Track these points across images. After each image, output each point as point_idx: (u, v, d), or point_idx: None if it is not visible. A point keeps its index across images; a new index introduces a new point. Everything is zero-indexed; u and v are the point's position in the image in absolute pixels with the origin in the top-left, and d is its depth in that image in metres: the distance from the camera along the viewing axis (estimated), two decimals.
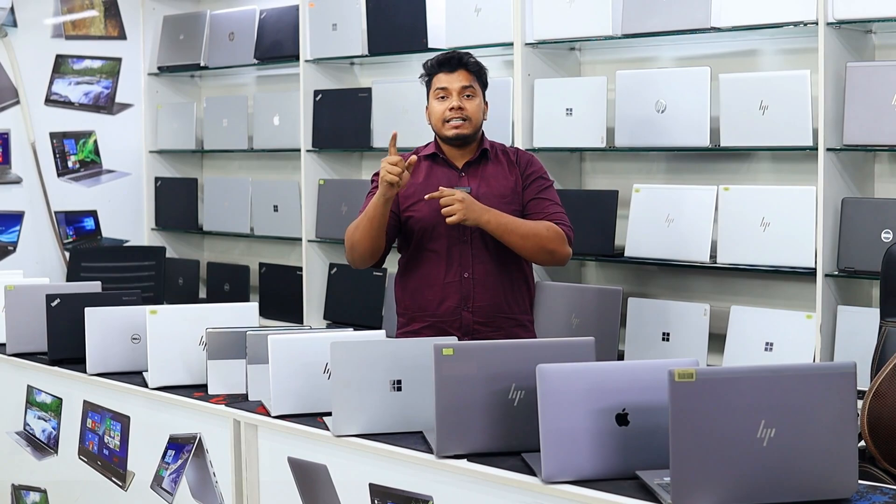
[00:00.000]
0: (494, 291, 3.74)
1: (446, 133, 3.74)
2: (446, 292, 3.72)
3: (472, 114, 3.73)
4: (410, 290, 3.79)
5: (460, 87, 3.72)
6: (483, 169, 3.80)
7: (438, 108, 3.74)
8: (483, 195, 3.71)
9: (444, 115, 3.73)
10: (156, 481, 3.52)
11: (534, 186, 3.80)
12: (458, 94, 3.72)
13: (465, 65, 3.75)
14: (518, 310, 3.81)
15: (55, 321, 3.90)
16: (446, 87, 3.72)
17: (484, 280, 3.73)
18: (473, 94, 3.74)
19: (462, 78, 3.73)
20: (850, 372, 2.31)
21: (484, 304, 3.73)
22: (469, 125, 3.73)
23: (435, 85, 3.76)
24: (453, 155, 3.80)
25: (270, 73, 6.52)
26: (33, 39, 6.46)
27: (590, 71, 5.08)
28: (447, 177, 3.78)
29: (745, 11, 4.32)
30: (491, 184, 3.77)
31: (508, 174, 3.80)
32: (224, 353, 3.41)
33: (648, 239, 4.61)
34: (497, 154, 3.84)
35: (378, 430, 2.88)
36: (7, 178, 6.36)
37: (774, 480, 2.27)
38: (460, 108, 3.71)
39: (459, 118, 3.71)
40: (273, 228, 6.14)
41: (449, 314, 3.72)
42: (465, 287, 3.72)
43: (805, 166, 4.40)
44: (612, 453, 2.46)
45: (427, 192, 3.70)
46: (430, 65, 3.80)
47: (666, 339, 4.58)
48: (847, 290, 4.27)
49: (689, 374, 2.22)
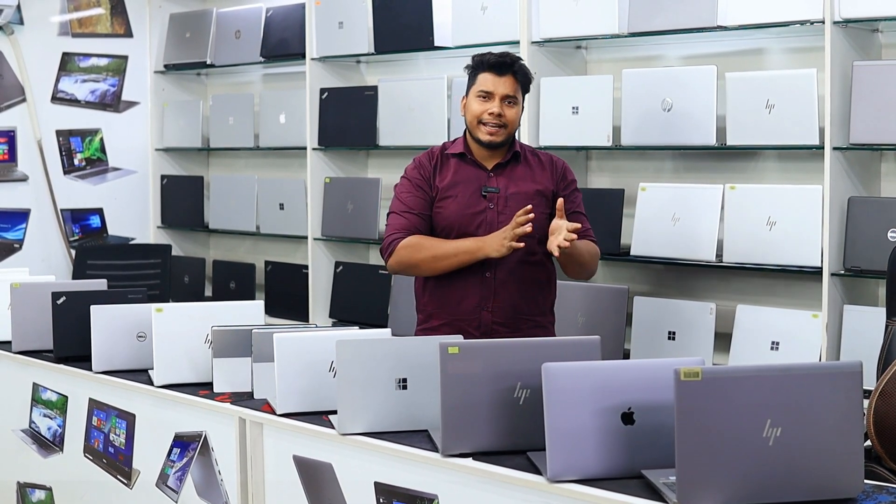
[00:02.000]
0: (515, 292, 3.71)
1: (479, 136, 3.69)
2: (467, 291, 3.69)
3: (510, 121, 3.68)
4: (430, 287, 3.76)
5: (504, 93, 3.66)
6: (512, 170, 3.75)
7: (477, 108, 3.68)
8: (511, 195, 3.69)
9: (481, 117, 3.67)
10: (161, 479, 3.52)
11: (570, 198, 3.76)
12: (501, 100, 3.67)
13: (515, 72, 3.69)
14: (538, 311, 3.77)
15: (61, 319, 3.90)
16: (491, 92, 3.66)
17: (506, 280, 3.69)
18: (515, 103, 3.69)
19: (508, 85, 3.67)
20: (857, 371, 2.30)
21: (504, 305, 3.69)
22: (504, 132, 3.68)
23: (479, 84, 3.69)
24: (483, 156, 3.75)
25: (277, 71, 6.52)
26: (40, 37, 6.47)
27: (596, 69, 5.08)
28: (476, 176, 3.73)
29: (751, 10, 4.31)
30: (519, 185, 3.73)
31: (538, 176, 3.76)
32: (230, 352, 3.41)
33: (654, 238, 4.60)
34: (527, 156, 3.80)
35: (383, 429, 2.88)
36: (13, 176, 6.37)
37: (780, 480, 2.27)
38: (500, 115, 3.66)
39: (497, 125, 3.67)
40: (279, 226, 6.14)
41: (468, 313, 3.70)
42: (486, 286, 3.68)
43: (811, 165, 4.39)
44: (618, 452, 2.46)
45: (455, 190, 3.69)
46: (480, 61, 3.72)
47: (672, 338, 4.58)
48: (853, 289, 4.27)
49: (694, 374, 2.22)
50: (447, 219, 3.71)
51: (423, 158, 3.81)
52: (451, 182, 3.73)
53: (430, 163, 3.78)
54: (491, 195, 3.70)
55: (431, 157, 3.80)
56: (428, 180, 3.75)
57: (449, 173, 3.75)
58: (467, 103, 3.73)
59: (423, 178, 3.75)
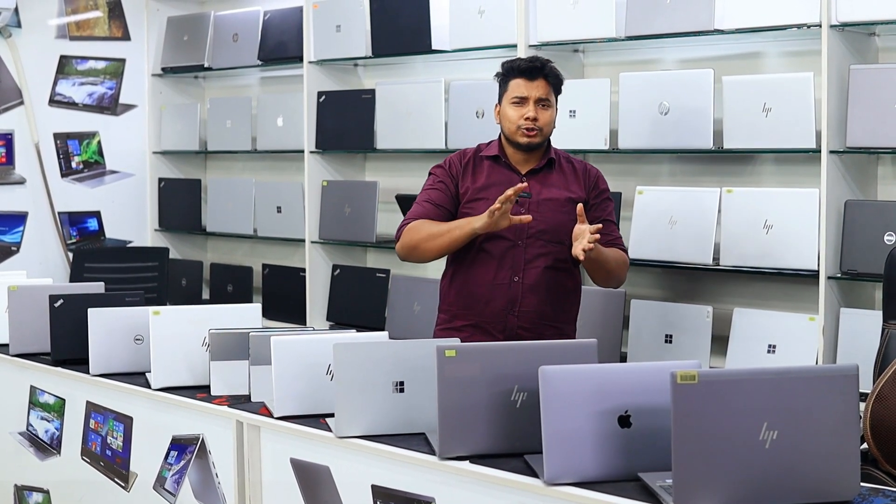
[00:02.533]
0: (543, 298, 3.71)
1: (519, 139, 3.71)
2: (494, 294, 3.70)
3: (545, 124, 3.70)
4: (457, 286, 3.78)
5: (538, 97, 3.68)
6: (545, 176, 3.77)
7: (513, 114, 3.70)
8: (543, 201, 3.71)
9: (517, 122, 3.69)
10: (158, 482, 3.52)
11: (601, 206, 3.80)
12: (535, 103, 3.68)
13: (546, 75, 3.70)
14: (563, 318, 3.79)
15: (58, 322, 3.90)
16: (525, 97, 3.68)
17: (534, 285, 3.70)
18: (548, 105, 3.71)
19: (541, 88, 3.69)
20: (853, 374, 2.31)
21: (530, 310, 3.71)
22: (541, 135, 3.70)
23: (512, 90, 3.71)
24: (517, 160, 3.77)
25: (274, 75, 6.52)
26: (37, 40, 6.46)
27: (593, 73, 5.08)
28: (509, 180, 3.72)
29: (748, 14, 4.32)
30: (552, 191, 3.74)
31: (571, 184, 3.78)
32: (227, 355, 3.41)
33: (651, 241, 4.61)
34: (561, 162, 3.82)
35: (380, 432, 2.88)
36: (11, 179, 6.37)
37: (777, 483, 2.27)
38: (535, 118, 3.68)
39: (533, 128, 3.68)
40: (276, 229, 6.14)
41: (494, 316, 3.71)
42: (513, 290, 3.69)
43: (808, 168, 4.39)
44: (615, 455, 2.47)
45: (487, 193, 3.69)
46: (510, 68, 3.75)
47: (669, 342, 4.58)
48: (850, 292, 4.27)
49: (691, 377, 2.23)
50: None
51: (455, 158, 3.84)
52: (483, 184, 3.75)
53: (461, 162, 3.81)
54: (523, 200, 3.70)
55: (464, 156, 3.83)
56: (454, 178, 3.78)
57: (482, 175, 3.77)
58: (502, 110, 3.75)
59: (450, 176, 3.78)
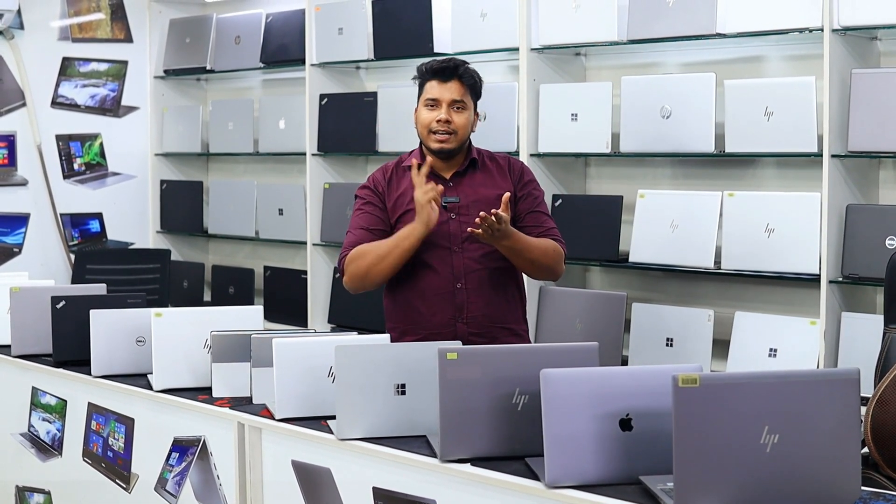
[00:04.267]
0: (488, 301, 3.62)
1: (430, 145, 3.63)
2: (439, 304, 3.60)
3: (460, 128, 3.60)
4: (401, 303, 3.67)
5: (451, 99, 3.59)
6: (471, 177, 3.69)
7: (426, 117, 3.62)
8: (472, 203, 3.61)
9: (430, 126, 3.61)
10: (160, 484, 3.53)
11: (530, 199, 3.70)
12: (448, 106, 3.59)
13: (460, 76, 3.61)
14: (512, 319, 3.70)
15: (60, 323, 3.90)
16: (437, 99, 3.60)
17: (477, 289, 3.61)
18: (463, 108, 3.61)
19: (454, 90, 3.60)
20: (854, 378, 2.31)
21: (478, 315, 3.61)
22: (454, 139, 3.60)
23: (426, 92, 3.63)
24: (439, 166, 3.67)
25: (276, 77, 6.53)
26: (40, 42, 6.47)
27: (595, 76, 5.09)
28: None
29: (750, 18, 4.32)
30: (479, 192, 3.66)
31: (498, 180, 3.69)
32: (228, 356, 3.41)
33: (653, 244, 4.61)
34: (485, 161, 3.73)
35: (382, 434, 2.88)
36: (13, 180, 6.38)
37: (777, 486, 2.27)
38: (448, 121, 3.58)
39: (445, 132, 3.60)
40: (278, 232, 6.14)
41: (443, 326, 3.59)
42: (458, 298, 3.60)
43: (810, 173, 4.40)
44: (616, 458, 2.47)
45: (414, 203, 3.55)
46: (424, 70, 3.68)
47: (670, 345, 4.58)
48: (851, 296, 4.27)
49: (692, 380, 2.23)
50: None
51: (377, 174, 3.74)
52: (410, 195, 3.62)
53: (385, 177, 3.71)
54: (451, 205, 3.62)
55: (385, 171, 3.73)
56: (381, 196, 3.68)
57: (406, 186, 3.66)
58: (417, 114, 3.67)
59: (376, 195, 3.68)
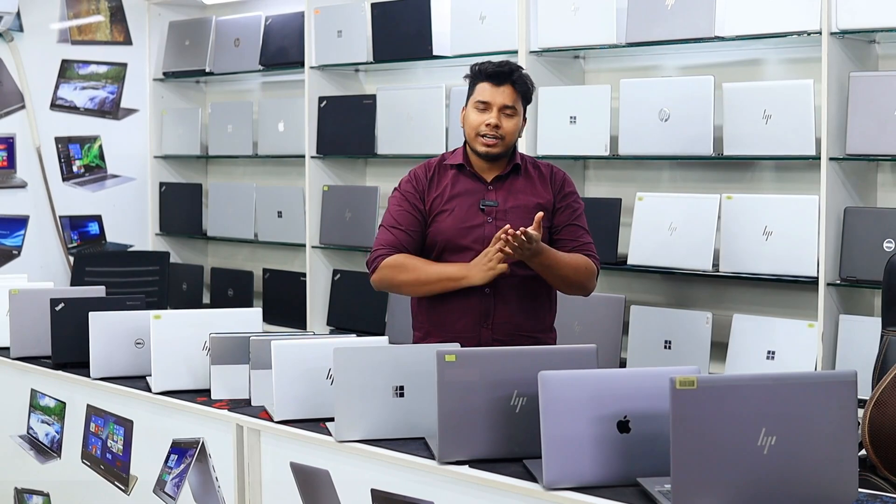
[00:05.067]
0: (515, 308, 3.57)
1: (477, 147, 3.58)
2: (465, 308, 3.55)
3: (508, 133, 3.55)
4: (427, 304, 3.63)
5: (502, 104, 3.53)
6: (512, 182, 3.63)
7: (475, 119, 3.56)
8: (511, 209, 3.58)
9: (478, 129, 3.56)
10: (158, 486, 3.53)
11: (568, 211, 3.65)
12: (499, 110, 3.54)
13: (514, 82, 3.56)
14: (539, 328, 3.64)
15: (59, 325, 3.90)
16: (488, 102, 3.53)
17: (505, 296, 3.55)
18: (513, 114, 3.55)
19: (506, 95, 3.54)
20: (852, 381, 2.31)
21: (503, 321, 3.56)
22: (502, 144, 3.55)
23: (477, 94, 3.57)
24: (482, 168, 3.63)
25: (275, 80, 6.54)
26: (39, 44, 6.48)
27: (594, 79, 5.09)
28: (474, 189, 3.61)
29: (748, 21, 4.33)
30: (519, 198, 3.61)
31: (539, 189, 3.64)
32: (227, 359, 3.42)
33: (651, 247, 4.61)
34: (527, 168, 3.67)
35: (380, 436, 2.89)
36: (12, 183, 6.38)
37: (775, 488, 2.27)
38: (497, 126, 3.53)
39: (494, 136, 3.54)
40: (277, 234, 6.15)
41: (467, 330, 3.54)
42: (485, 303, 3.55)
43: (808, 175, 4.41)
44: (614, 460, 2.47)
45: (452, 203, 3.58)
46: (478, 70, 3.59)
47: (668, 347, 4.59)
48: (849, 299, 4.28)
49: (690, 382, 2.23)
50: (443, 232, 3.59)
51: (420, 171, 3.69)
52: (448, 194, 3.62)
53: (426, 175, 3.67)
54: (489, 209, 3.59)
55: (428, 168, 3.69)
56: (421, 194, 3.64)
57: (446, 185, 3.64)
58: (466, 114, 3.63)
59: (416, 192, 3.65)
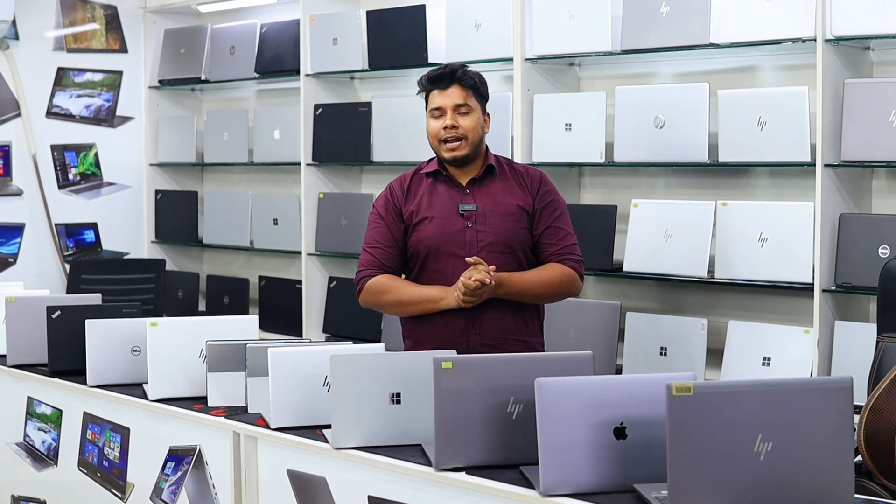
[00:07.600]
0: (502, 312, 3.55)
1: (443, 155, 3.59)
2: (452, 314, 3.53)
3: (469, 131, 3.56)
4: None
5: (454, 104, 3.55)
6: (489, 185, 3.63)
7: (434, 126, 3.58)
8: (490, 212, 3.57)
9: (438, 135, 3.57)
10: (155, 493, 3.53)
11: (548, 211, 3.63)
12: (453, 111, 3.55)
13: (459, 80, 3.57)
14: (527, 332, 3.64)
15: (55, 333, 3.91)
16: (440, 107, 3.56)
17: (492, 300, 3.51)
18: (469, 111, 3.57)
19: (456, 95, 3.56)
20: (847, 387, 2.32)
21: (491, 326, 3.56)
22: (466, 144, 3.56)
23: (430, 103, 3.60)
24: (456, 173, 3.63)
25: (271, 87, 6.54)
26: (35, 52, 6.47)
27: (589, 86, 5.10)
28: (451, 195, 3.61)
29: (743, 28, 4.34)
30: (497, 200, 3.60)
31: (517, 190, 3.63)
32: (224, 366, 3.42)
33: (647, 254, 4.62)
34: (504, 169, 3.67)
35: (377, 443, 2.89)
36: (8, 191, 6.38)
37: (771, 494, 2.28)
38: (454, 126, 3.54)
39: (454, 138, 3.54)
40: (273, 242, 6.15)
41: (455, 336, 3.54)
42: (471, 308, 3.52)
43: (803, 182, 4.41)
44: (610, 467, 2.48)
45: (431, 211, 3.57)
46: (424, 81, 3.62)
47: (664, 354, 4.59)
48: (844, 305, 4.29)
49: (686, 389, 2.24)
50: (424, 240, 3.59)
51: (395, 184, 3.70)
52: (426, 203, 3.61)
53: (402, 188, 3.67)
54: (468, 213, 3.58)
55: (404, 180, 3.69)
56: (397, 207, 3.64)
57: (423, 194, 3.63)
58: (427, 126, 3.63)
59: (393, 207, 3.65)
